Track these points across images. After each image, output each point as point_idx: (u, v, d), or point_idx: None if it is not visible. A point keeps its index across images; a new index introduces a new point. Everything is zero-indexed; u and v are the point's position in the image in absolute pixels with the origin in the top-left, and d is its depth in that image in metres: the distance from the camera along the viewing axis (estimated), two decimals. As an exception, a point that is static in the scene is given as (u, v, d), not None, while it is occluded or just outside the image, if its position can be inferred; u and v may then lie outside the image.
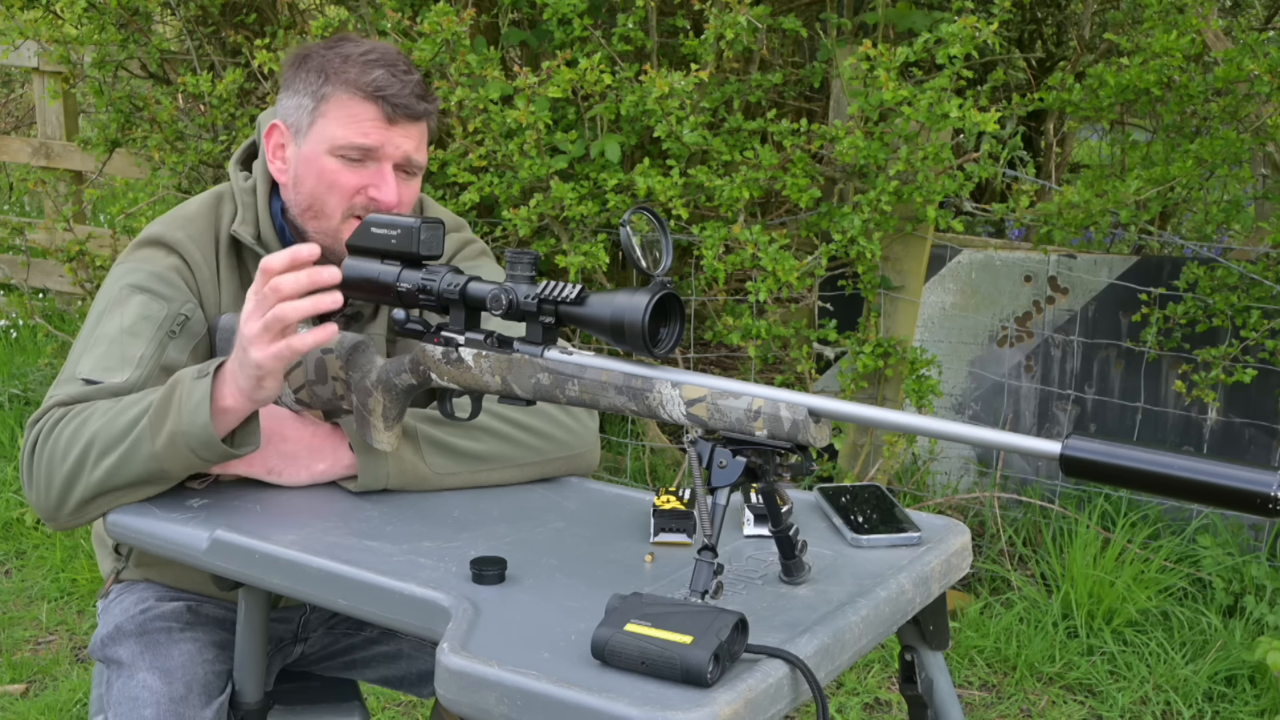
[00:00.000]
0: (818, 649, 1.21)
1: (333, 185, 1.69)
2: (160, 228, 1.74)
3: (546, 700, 1.10)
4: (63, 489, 1.53)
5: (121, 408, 1.53)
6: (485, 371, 1.44)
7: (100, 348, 1.63)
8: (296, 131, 1.72)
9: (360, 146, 1.67)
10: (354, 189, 1.69)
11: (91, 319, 1.69)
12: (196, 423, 1.47)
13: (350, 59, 1.68)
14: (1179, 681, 3.04)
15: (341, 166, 1.68)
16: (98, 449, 1.51)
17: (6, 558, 3.72)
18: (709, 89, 3.39)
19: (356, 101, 1.67)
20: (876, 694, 3.04)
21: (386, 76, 1.67)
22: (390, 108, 1.67)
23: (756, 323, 3.32)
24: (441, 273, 1.45)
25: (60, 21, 4.19)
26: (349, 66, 1.68)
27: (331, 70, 1.68)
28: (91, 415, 1.54)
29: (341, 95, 1.67)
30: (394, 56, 1.71)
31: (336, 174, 1.68)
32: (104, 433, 1.51)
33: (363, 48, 1.71)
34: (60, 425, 1.55)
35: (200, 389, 1.48)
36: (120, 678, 1.69)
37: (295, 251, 1.42)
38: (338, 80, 1.67)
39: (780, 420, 1.23)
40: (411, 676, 1.94)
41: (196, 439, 1.47)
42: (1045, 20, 5.64)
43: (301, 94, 1.71)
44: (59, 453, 1.53)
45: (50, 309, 5.34)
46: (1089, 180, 3.65)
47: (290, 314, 1.40)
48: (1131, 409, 3.70)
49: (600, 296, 1.31)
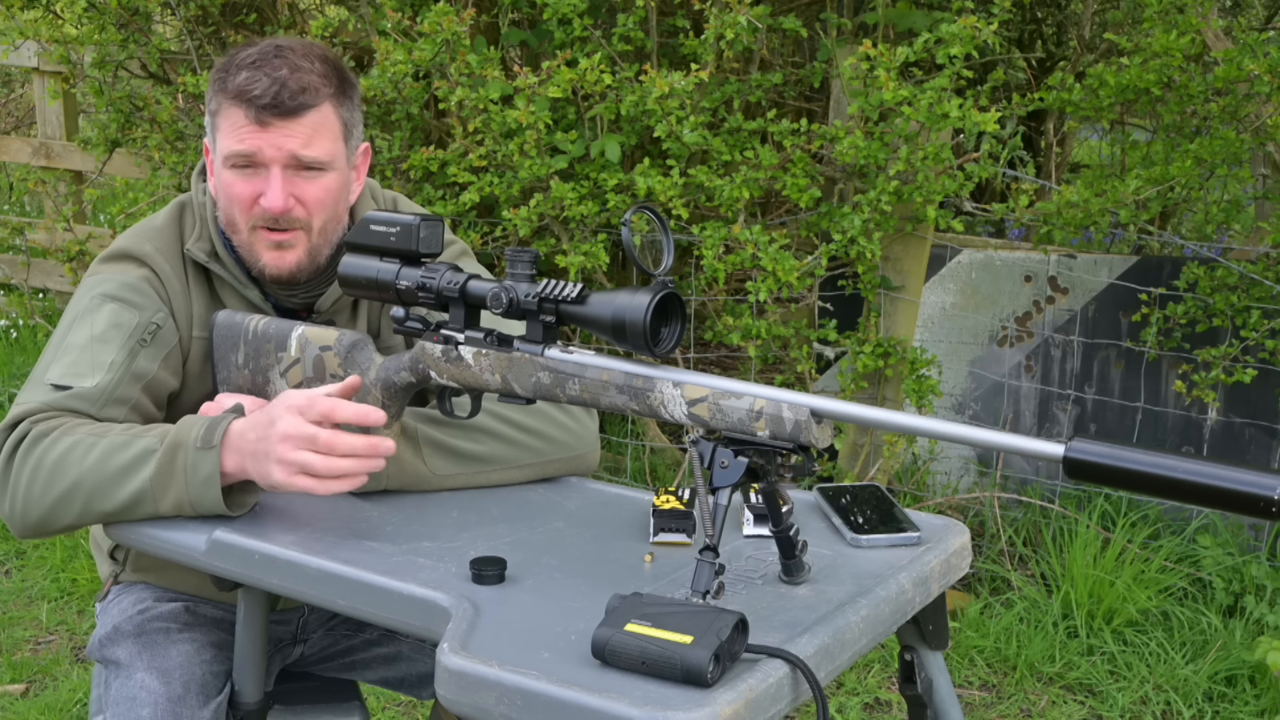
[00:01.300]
0: (818, 649, 1.21)
1: (232, 198, 1.66)
2: (128, 241, 1.72)
3: (547, 700, 1.10)
4: (45, 515, 1.51)
5: (109, 448, 1.49)
6: (485, 370, 1.43)
7: (70, 355, 1.61)
8: (212, 147, 1.69)
9: (239, 154, 1.63)
10: (250, 199, 1.64)
11: (61, 328, 1.66)
12: (208, 497, 1.46)
13: (232, 65, 1.64)
14: (1179, 681, 3.03)
15: (236, 178, 1.64)
16: (86, 492, 1.49)
17: (6, 558, 3.72)
18: (709, 89, 3.39)
19: (232, 109, 1.62)
20: (876, 694, 3.04)
21: (252, 77, 1.60)
22: (255, 110, 1.60)
23: (756, 323, 3.32)
24: (441, 270, 1.45)
25: (60, 21, 4.19)
26: (229, 74, 1.63)
27: (217, 81, 1.65)
28: (74, 448, 1.50)
29: (224, 106, 1.63)
30: (272, 53, 1.63)
31: (232, 185, 1.65)
32: (93, 476, 1.48)
33: (247, 50, 1.65)
34: (39, 448, 1.51)
35: (208, 463, 1.46)
36: (118, 678, 1.68)
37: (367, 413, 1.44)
38: (219, 91, 1.64)
39: (782, 421, 1.23)
40: (411, 678, 1.93)
41: (206, 510, 1.47)
42: (1045, 20, 5.64)
43: (208, 111, 1.68)
44: (39, 484, 1.50)
45: (50, 309, 5.33)
46: (1089, 180, 3.65)
47: (327, 469, 1.42)
48: (1131, 409, 3.70)
49: (601, 295, 1.31)
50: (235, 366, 1.68)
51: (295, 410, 1.44)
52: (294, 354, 1.63)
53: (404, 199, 1.91)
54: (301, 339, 1.63)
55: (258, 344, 1.66)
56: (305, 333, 1.63)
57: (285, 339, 1.64)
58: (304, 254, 1.68)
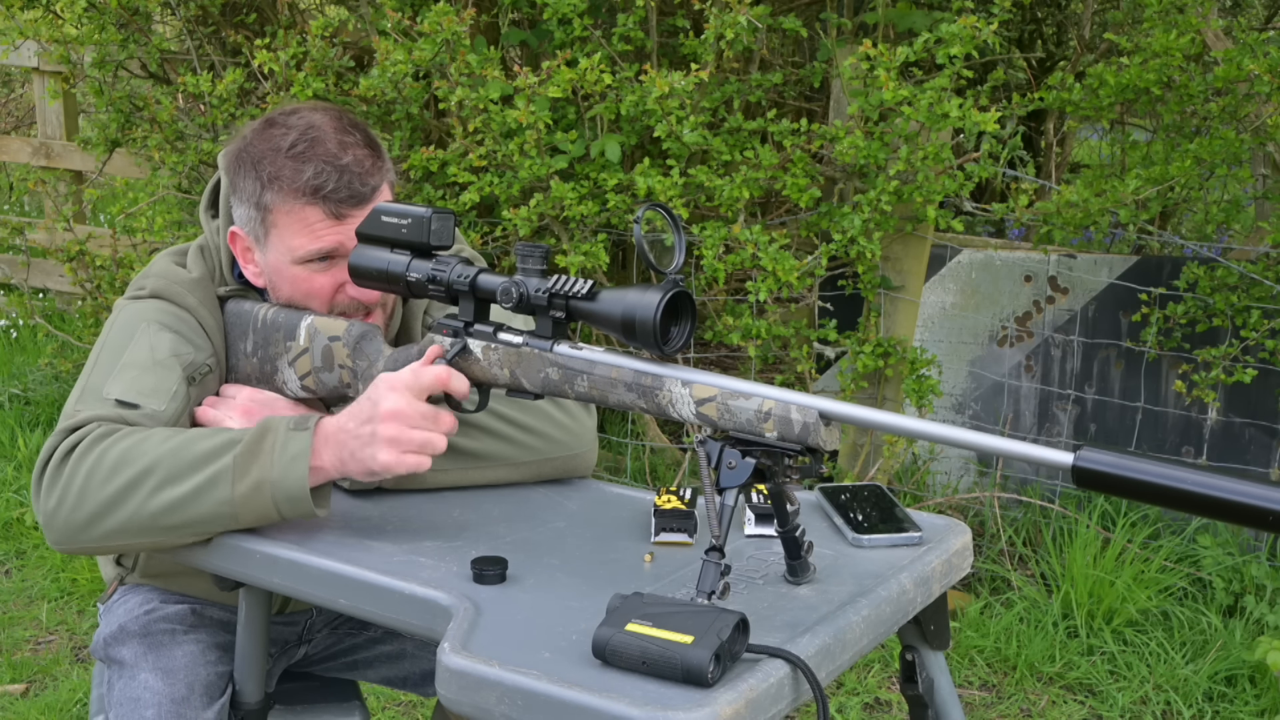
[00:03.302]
0: (819, 649, 1.21)
1: (309, 293, 1.63)
2: (169, 288, 1.65)
3: (547, 700, 1.10)
4: (98, 511, 1.42)
5: (188, 438, 1.44)
6: (494, 364, 1.43)
7: (131, 373, 1.54)
8: (256, 240, 1.64)
9: (320, 251, 1.59)
10: (331, 291, 1.62)
11: (112, 344, 1.59)
12: (291, 476, 1.40)
13: (280, 154, 1.57)
14: (1179, 681, 3.03)
15: (311, 273, 1.61)
16: (159, 476, 1.41)
17: (6, 558, 3.72)
18: (709, 89, 3.39)
19: (299, 208, 1.57)
20: (877, 694, 3.04)
21: (321, 171, 1.56)
22: (334, 205, 1.57)
23: (756, 323, 3.32)
24: (452, 263, 1.44)
25: (60, 21, 4.19)
26: (281, 168, 1.57)
27: (266, 175, 1.58)
28: (149, 438, 1.44)
29: (283, 205, 1.57)
30: (325, 134, 1.58)
31: (309, 281, 1.62)
32: (169, 461, 1.41)
33: (290, 136, 1.58)
34: (108, 441, 1.44)
35: (299, 441, 1.42)
36: (122, 678, 1.68)
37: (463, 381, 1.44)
38: (275, 188, 1.57)
39: (791, 422, 1.22)
40: (415, 676, 1.93)
41: (287, 492, 1.41)
42: (1045, 20, 5.64)
43: (246, 203, 1.62)
44: (103, 470, 1.42)
45: (50, 309, 5.33)
46: (1089, 180, 3.65)
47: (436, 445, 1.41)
48: (1131, 409, 3.70)
49: (612, 292, 1.30)
50: (244, 355, 1.67)
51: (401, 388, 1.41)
52: (303, 343, 1.62)
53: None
54: (310, 329, 1.62)
55: (266, 333, 1.65)
56: (314, 322, 1.62)
57: (294, 328, 1.63)
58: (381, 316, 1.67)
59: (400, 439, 1.40)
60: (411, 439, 1.40)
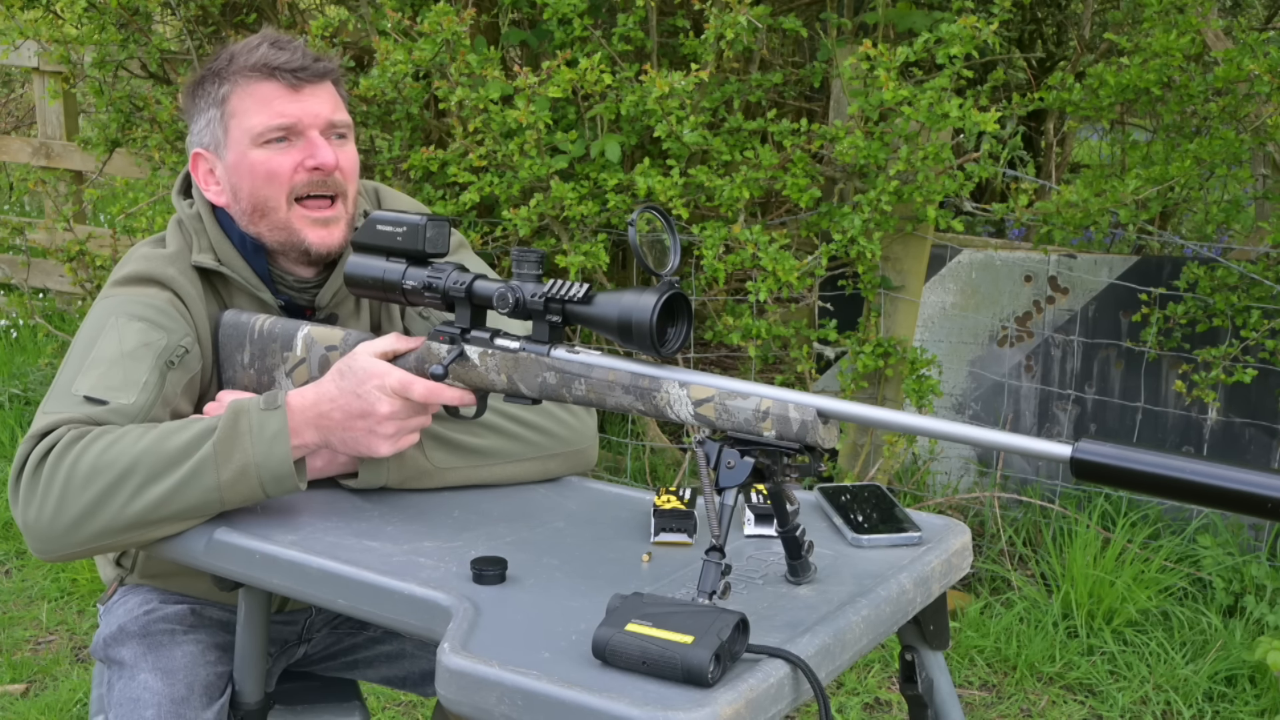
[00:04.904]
0: (819, 649, 1.21)
1: (270, 175, 1.65)
2: (146, 266, 1.67)
3: (547, 700, 1.10)
4: (80, 516, 1.43)
5: (161, 433, 1.45)
6: (491, 370, 1.43)
7: (99, 369, 1.54)
8: (216, 147, 1.68)
9: (279, 126, 1.64)
10: (291, 169, 1.65)
11: (82, 342, 1.60)
12: (274, 455, 1.44)
13: (236, 55, 1.67)
14: (1179, 681, 3.03)
15: (271, 154, 1.65)
16: (141, 475, 1.42)
17: (6, 558, 3.72)
18: (709, 89, 3.39)
19: (256, 85, 1.65)
20: (876, 694, 3.04)
21: (272, 51, 1.65)
22: (289, 75, 1.64)
23: (756, 323, 3.32)
24: (447, 270, 1.45)
25: (60, 21, 4.19)
26: (236, 61, 1.66)
27: (224, 72, 1.67)
28: (122, 438, 1.44)
29: (241, 87, 1.65)
30: (273, 34, 1.70)
31: (268, 163, 1.65)
32: (149, 459, 1.42)
33: (240, 44, 1.70)
34: (81, 444, 1.44)
35: (275, 420, 1.45)
36: (122, 678, 1.68)
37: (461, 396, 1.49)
38: (231, 76, 1.66)
39: (789, 421, 1.22)
40: (415, 676, 1.94)
41: (272, 472, 1.44)
42: (1045, 20, 5.64)
43: (207, 110, 1.69)
44: (80, 475, 1.42)
45: (50, 309, 5.33)
46: (1089, 180, 3.65)
47: (426, 424, 1.51)
48: (1132, 409, 3.70)
49: (607, 296, 1.30)
50: (240, 366, 1.67)
51: (389, 393, 1.46)
52: (299, 354, 1.63)
53: (388, 190, 1.89)
54: (307, 339, 1.63)
55: (263, 343, 1.66)
56: (311, 332, 1.63)
57: (291, 339, 1.64)
58: (346, 228, 1.70)
59: (398, 434, 1.48)
60: (406, 427, 1.49)
